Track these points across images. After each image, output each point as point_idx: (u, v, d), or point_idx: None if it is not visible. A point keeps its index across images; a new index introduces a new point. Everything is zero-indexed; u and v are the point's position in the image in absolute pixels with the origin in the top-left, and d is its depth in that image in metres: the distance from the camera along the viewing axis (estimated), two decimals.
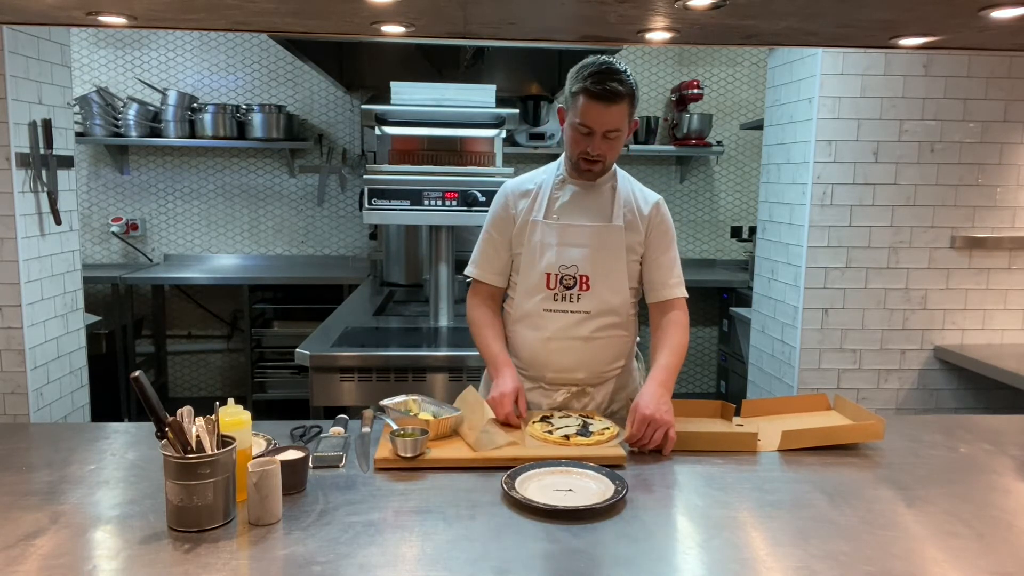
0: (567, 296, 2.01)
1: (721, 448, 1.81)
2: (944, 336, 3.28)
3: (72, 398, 3.20)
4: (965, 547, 1.36)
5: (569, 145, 1.96)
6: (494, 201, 2.11)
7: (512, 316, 2.10)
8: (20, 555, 1.27)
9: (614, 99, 1.84)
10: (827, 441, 1.83)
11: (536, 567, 1.26)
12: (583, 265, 1.99)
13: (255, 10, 1.62)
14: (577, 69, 1.90)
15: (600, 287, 2.01)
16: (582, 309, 2.01)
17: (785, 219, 3.38)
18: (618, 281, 2.02)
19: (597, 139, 1.89)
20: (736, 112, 5.49)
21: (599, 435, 1.77)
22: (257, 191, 5.34)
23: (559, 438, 1.75)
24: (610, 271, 2.01)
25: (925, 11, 1.57)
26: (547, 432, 1.78)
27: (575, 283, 2.00)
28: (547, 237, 2.00)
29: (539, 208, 2.02)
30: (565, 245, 1.99)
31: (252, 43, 5.19)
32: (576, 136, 1.91)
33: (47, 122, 2.92)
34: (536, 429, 1.80)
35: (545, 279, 2.01)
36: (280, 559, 1.27)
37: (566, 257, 1.99)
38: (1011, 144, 3.17)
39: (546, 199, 2.03)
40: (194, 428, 1.38)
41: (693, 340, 5.66)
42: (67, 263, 3.15)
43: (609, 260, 2.01)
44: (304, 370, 2.82)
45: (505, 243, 2.07)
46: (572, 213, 2.02)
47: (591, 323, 2.02)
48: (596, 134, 1.88)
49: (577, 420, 1.87)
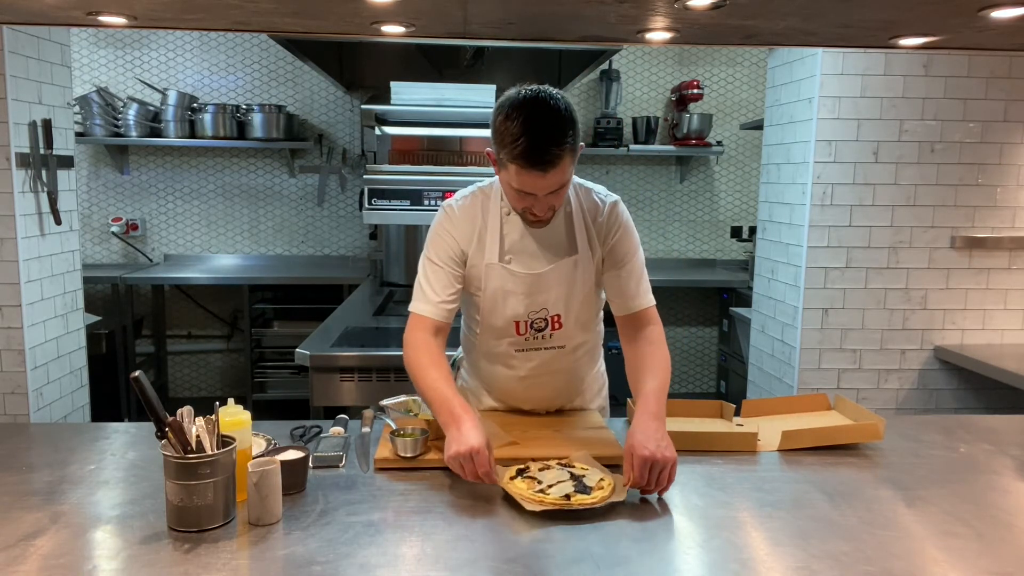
0: (540, 336, 1.86)
1: (721, 448, 1.80)
2: (944, 336, 3.28)
3: (72, 398, 3.20)
4: (965, 547, 1.36)
5: (509, 199, 1.74)
6: (436, 224, 1.83)
7: (479, 349, 1.95)
8: (20, 555, 1.28)
9: (554, 164, 1.60)
10: (827, 441, 1.83)
11: (536, 567, 1.26)
12: (554, 306, 1.83)
13: (255, 10, 1.62)
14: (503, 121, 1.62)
15: (572, 321, 1.86)
16: (556, 344, 1.87)
17: (785, 219, 3.38)
18: (588, 313, 1.90)
19: (541, 200, 1.68)
20: (736, 112, 5.49)
21: (599, 488, 1.51)
22: (257, 191, 5.34)
23: (559, 499, 1.47)
24: (581, 304, 1.86)
25: (925, 11, 1.57)
26: (540, 492, 1.49)
27: (546, 324, 1.84)
28: (507, 284, 1.79)
29: (490, 248, 1.79)
30: (529, 293, 1.80)
31: (252, 43, 5.19)
32: (515, 197, 1.70)
33: (47, 122, 2.92)
34: (522, 487, 1.50)
35: (514, 326, 1.84)
36: (280, 559, 1.27)
37: (534, 303, 1.82)
38: (1011, 144, 3.17)
39: (496, 236, 1.79)
40: (194, 428, 1.38)
41: (693, 340, 5.67)
42: (67, 263, 3.15)
43: (578, 295, 1.84)
44: (304, 370, 2.82)
45: (455, 277, 1.80)
46: (528, 252, 1.80)
47: (567, 356, 1.91)
48: (539, 197, 1.67)
49: (562, 472, 1.57)
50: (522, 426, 1.90)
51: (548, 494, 1.47)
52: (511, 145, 1.60)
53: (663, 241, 5.58)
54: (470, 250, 1.80)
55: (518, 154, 1.59)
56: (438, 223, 1.84)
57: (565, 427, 1.90)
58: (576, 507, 1.45)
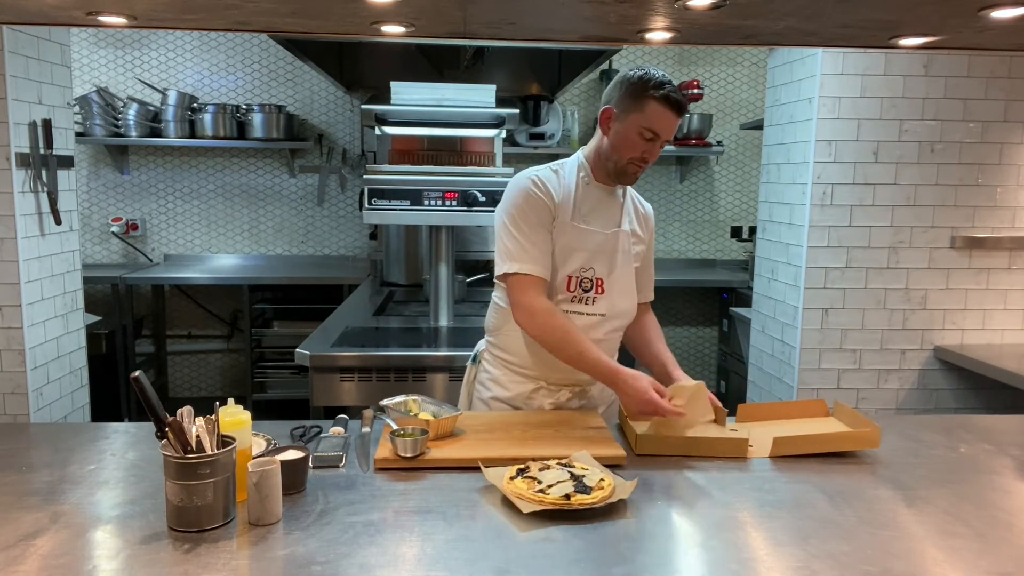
0: (584, 299, 2.01)
1: (711, 454, 1.77)
2: (944, 336, 3.28)
3: (72, 398, 3.20)
4: (965, 547, 1.36)
5: (622, 149, 1.93)
6: (524, 192, 1.97)
7: None
8: (20, 555, 1.28)
9: (683, 111, 1.90)
10: (820, 448, 1.78)
11: (536, 567, 1.26)
12: (599, 269, 2.01)
13: (255, 10, 1.62)
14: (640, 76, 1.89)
15: (613, 291, 2.03)
16: (597, 312, 2.02)
17: (785, 219, 3.38)
18: (628, 285, 2.07)
19: (658, 145, 1.92)
20: (736, 112, 5.49)
21: (598, 488, 1.51)
22: (257, 191, 5.34)
23: (559, 498, 1.47)
24: (621, 275, 2.04)
25: (925, 11, 1.57)
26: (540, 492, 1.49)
27: (592, 286, 2.01)
28: (574, 242, 1.99)
29: (568, 210, 1.99)
30: (587, 249, 2.00)
31: (252, 43, 5.19)
32: (637, 141, 1.90)
33: (47, 122, 2.92)
34: (522, 487, 1.50)
35: (566, 281, 2.00)
36: (280, 559, 1.27)
37: (586, 260, 2.00)
38: (1011, 144, 3.17)
39: (573, 200, 2.00)
40: (194, 428, 1.38)
41: (693, 340, 5.69)
42: (67, 263, 3.15)
43: (621, 265, 2.03)
44: (304, 370, 2.82)
45: (548, 236, 1.97)
46: (595, 217, 2.03)
47: (604, 326, 2.04)
48: (659, 141, 1.91)
49: (562, 472, 1.56)
50: (522, 426, 1.90)
51: (548, 494, 1.47)
52: (656, 88, 1.86)
53: (663, 241, 5.58)
54: (558, 212, 1.98)
55: (664, 94, 1.85)
56: (526, 190, 1.97)
57: (565, 427, 1.90)
58: (576, 507, 1.45)
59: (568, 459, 1.64)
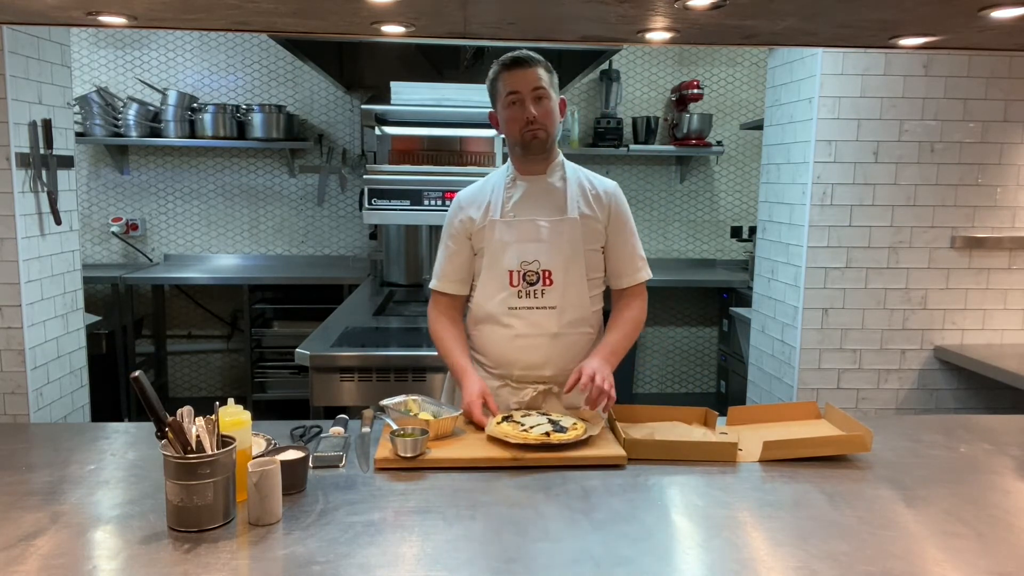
0: (531, 292, 2.02)
1: (699, 458, 1.74)
2: (944, 336, 3.27)
3: (72, 398, 3.20)
4: (965, 547, 1.36)
5: (509, 126, 2.00)
6: (449, 212, 2.14)
7: (476, 316, 2.11)
8: (20, 555, 1.28)
9: (527, 63, 1.96)
10: (810, 452, 1.75)
11: (536, 567, 1.26)
12: (544, 260, 2.01)
13: (255, 10, 1.62)
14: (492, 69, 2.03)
15: (563, 281, 2.02)
16: (548, 304, 2.02)
17: (785, 219, 3.38)
18: (577, 274, 2.04)
19: (528, 102, 1.95)
20: (736, 112, 5.49)
21: (574, 429, 1.74)
22: (257, 191, 5.34)
23: (540, 436, 1.70)
24: (570, 264, 2.03)
25: (925, 11, 1.57)
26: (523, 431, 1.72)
27: (538, 278, 2.02)
28: (505, 235, 2.02)
29: (494, 209, 2.04)
30: (524, 241, 2.02)
31: (252, 43, 5.19)
32: (511, 113, 1.98)
33: (47, 122, 2.92)
34: (507, 430, 1.73)
35: (508, 276, 2.02)
36: (280, 559, 1.27)
37: (526, 253, 2.01)
38: (1011, 144, 3.17)
39: (500, 200, 2.05)
40: (194, 428, 1.38)
41: (693, 340, 5.67)
42: (67, 263, 3.15)
43: (568, 253, 2.02)
44: (304, 370, 2.82)
45: (463, 251, 2.09)
46: (527, 209, 2.04)
47: (558, 319, 2.03)
48: (525, 96, 1.95)
49: (541, 418, 1.81)
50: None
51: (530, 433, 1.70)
52: (498, 64, 1.99)
53: (663, 241, 5.58)
54: (478, 215, 2.06)
55: (502, 64, 1.98)
56: (450, 209, 2.15)
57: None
58: (554, 442, 1.68)
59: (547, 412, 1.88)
